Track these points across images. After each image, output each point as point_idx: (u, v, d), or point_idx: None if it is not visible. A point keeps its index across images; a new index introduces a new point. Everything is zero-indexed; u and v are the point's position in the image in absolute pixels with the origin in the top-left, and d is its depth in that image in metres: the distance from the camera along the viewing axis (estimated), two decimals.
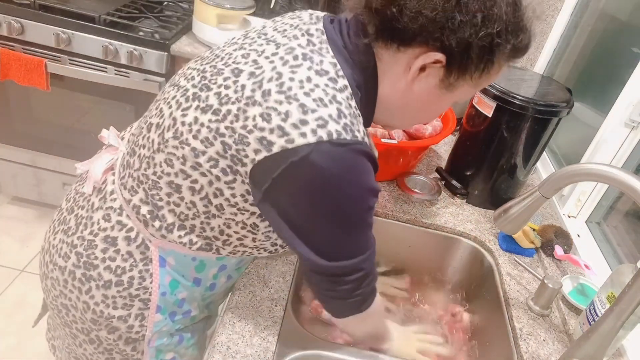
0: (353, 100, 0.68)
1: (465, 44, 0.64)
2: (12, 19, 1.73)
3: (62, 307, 0.86)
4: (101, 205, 0.82)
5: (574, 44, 1.61)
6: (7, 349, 1.74)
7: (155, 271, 0.80)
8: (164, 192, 0.74)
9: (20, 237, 2.16)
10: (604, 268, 1.17)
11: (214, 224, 0.74)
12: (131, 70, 1.80)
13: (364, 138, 0.67)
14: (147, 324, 0.83)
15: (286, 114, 0.63)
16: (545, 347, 0.93)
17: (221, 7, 1.75)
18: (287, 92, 0.64)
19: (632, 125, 1.17)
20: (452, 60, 0.66)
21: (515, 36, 0.66)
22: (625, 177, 0.73)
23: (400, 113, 0.76)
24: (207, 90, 0.70)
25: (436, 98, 0.72)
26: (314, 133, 0.62)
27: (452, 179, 1.29)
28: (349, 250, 0.71)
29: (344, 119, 0.64)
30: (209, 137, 0.67)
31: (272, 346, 0.83)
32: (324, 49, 0.69)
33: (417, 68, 0.67)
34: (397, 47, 0.67)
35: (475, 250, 1.17)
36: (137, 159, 0.77)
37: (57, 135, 2.03)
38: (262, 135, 0.64)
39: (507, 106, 1.13)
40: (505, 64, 0.71)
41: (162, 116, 0.74)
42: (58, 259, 0.84)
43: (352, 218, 0.69)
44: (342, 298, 0.76)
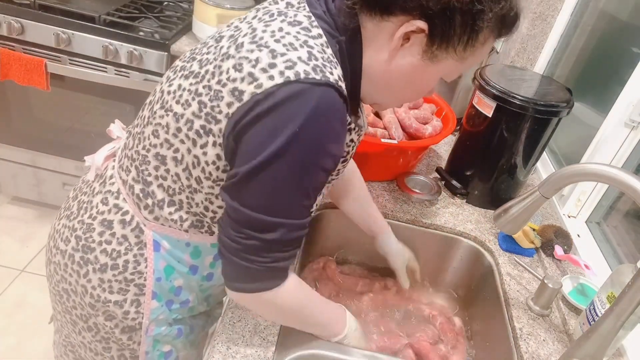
0: (329, 48, 0.67)
1: (444, 9, 0.63)
2: (12, 19, 1.73)
3: (63, 292, 0.87)
4: (101, 189, 0.83)
5: (574, 44, 1.61)
6: (7, 349, 1.74)
7: (149, 255, 0.81)
8: (152, 166, 0.75)
9: (20, 237, 2.16)
10: (604, 268, 1.17)
11: (197, 200, 0.75)
12: (131, 70, 1.80)
13: (337, 81, 0.64)
14: (144, 310, 0.83)
15: (256, 60, 0.63)
16: (545, 347, 0.93)
17: (221, 7, 1.75)
18: (258, 42, 0.65)
19: (632, 125, 1.17)
20: (434, 29, 0.65)
21: (497, 2, 0.65)
22: (625, 177, 0.73)
23: (385, 87, 0.74)
24: (192, 61, 0.73)
25: (420, 71, 0.70)
26: (281, 74, 0.62)
27: (452, 179, 1.29)
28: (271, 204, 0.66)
29: (314, 61, 0.63)
30: (188, 100, 0.69)
31: (272, 346, 0.83)
32: (301, 7, 0.70)
33: (400, 36, 0.66)
34: (380, 15, 0.66)
35: (475, 250, 1.17)
36: (132, 138, 0.80)
37: (57, 135, 2.03)
38: (234, 86, 0.64)
39: (507, 106, 1.13)
40: (491, 38, 0.69)
41: (155, 93, 0.78)
42: (60, 242, 0.86)
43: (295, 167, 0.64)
44: (236, 255, 0.69)
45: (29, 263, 2.06)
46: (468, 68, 0.74)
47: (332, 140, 0.67)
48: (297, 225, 0.69)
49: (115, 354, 0.90)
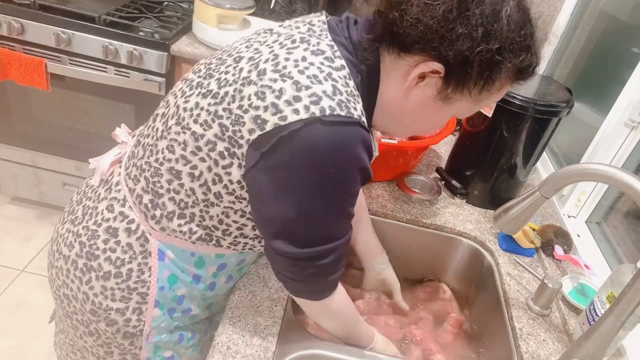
0: (351, 80, 0.67)
1: (462, 57, 0.63)
2: (12, 19, 1.73)
3: (64, 297, 0.87)
4: (106, 195, 0.83)
5: (574, 44, 1.61)
6: (7, 349, 1.74)
7: (154, 265, 0.80)
8: (164, 179, 0.75)
9: (20, 237, 2.16)
10: (604, 268, 1.17)
11: (212, 213, 0.75)
12: (131, 70, 1.80)
13: (360, 117, 0.65)
14: (145, 318, 0.83)
15: (280, 91, 0.63)
16: (545, 347, 0.93)
17: (221, 7, 1.75)
18: (281, 71, 0.64)
19: (632, 125, 1.17)
20: (450, 72, 0.65)
21: (517, 55, 0.65)
22: (625, 177, 0.73)
23: (397, 120, 0.75)
24: (209, 78, 0.72)
25: (432, 110, 0.71)
26: (306, 109, 0.62)
27: (452, 179, 1.29)
28: (322, 235, 0.70)
29: (339, 95, 0.64)
30: (207, 120, 0.68)
31: (272, 346, 0.83)
32: (323, 35, 0.70)
33: (415, 76, 0.66)
34: (397, 52, 0.67)
35: (475, 250, 1.17)
36: (142, 148, 0.79)
37: (57, 135, 2.03)
38: (256, 114, 0.64)
39: (507, 106, 1.13)
40: (509, 84, 0.69)
41: (168, 106, 0.77)
42: (63, 247, 0.85)
43: (334, 198, 0.67)
44: (299, 281, 0.75)
45: (29, 263, 2.06)
46: (482, 108, 0.75)
47: (362, 170, 0.68)
48: (345, 242, 0.73)
49: (117, 358, 0.90)
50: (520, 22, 0.64)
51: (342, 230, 0.72)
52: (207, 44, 1.82)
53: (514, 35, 0.63)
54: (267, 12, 2.08)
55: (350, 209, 0.71)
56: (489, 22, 0.62)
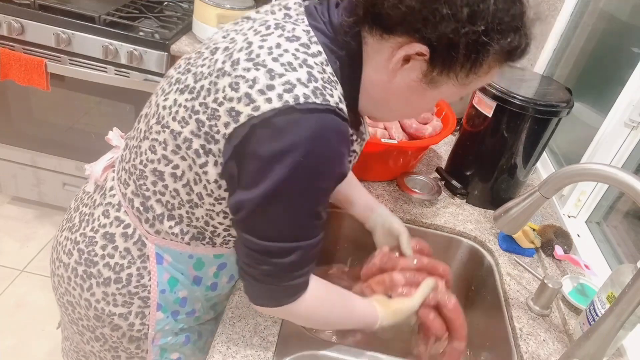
0: (329, 66, 0.65)
1: (447, 39, 0.60)
2: (12, 19, 1.73)
3: (68, 304, 0.86)
4: (101, 201, 0.82)
5: (574, 44, 1.61)
6: (7, 349, 1.74)
7: (152, 268, 0.80)
8: (149, 181, 0.74)
9: (20, 237, 2.16)
10: (604, 268, 1.17)
11: (198, 214, 0.74)
12: (131, 70, 1.80)
13: (337, 104, 0.63)
14: (149, 322, 0.83)
15: (254, 80, 0.61)
16: (545, 347, 0.93)
17: (221, 7, 1.75)
18: (255, 59, 0.62)
19: (632, 125, 1.17)
20: (435, 55, 0.62)
21: (504, 37, 0.62)
22: (625, 177, 0.73)
23: (382, 105, 0.73)
24: (187, 73, 0.70)
25: (418, 93, 0.68)
26: (279, 98, 0.60)
27: (452, 179, 1.29)
28: (285, 231, 0.67)
29: (314, 82, 0.61)
30: (185, 117, 0.67)
31: (272, 346, 0.83)
32: (300, 19, 0.67)
33: (400, 58, 0.64)
34: (380, 34, 0.64)
35: (475, 250, 1.17)
36: (128, 151, 0.78)
37: (57, 135, 2.03)
38: (231, 106, 0.62)
39: (507, 106, 1.13)
40: (497, 66, 0.66)
41: (150, 106, 0.76)
42: (63, 255, 0.85)
43: (302, 191, 0.64)
44: (256, 279, 0.71)
45: (29, 263, 2.06)
46: (471, 91, 0.71)
47: (336, 163, 0.65)
48: (312, 245, 0.69)
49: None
50: (509, 1, 0.61)
51: (308, 231, 0.68)
52: None
53: (502, 15, 0.61)
54: None
55: (319, 209, 0.67)
56: (475, 2, 0.59)
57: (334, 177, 0.66)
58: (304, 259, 0.70)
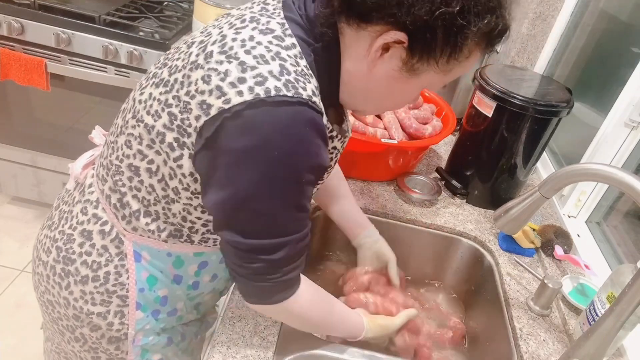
0: (303, 59, 0.64)
1: (422, 22, 0.59)
2: (12, 19, 1.73)
3: (48, 303, 0.86)
4: (80, 198, 0.81)
5: (574, 44, 1.61)
6: (7, 349, 1.74)
7: (130, 266, 0.79)
8: (125, 177, 0.73)
9: (20, 237, 2.16)
10: (604, 268, 1.17)
11: (174, 210, 0.73)
12: (131, 70, 1.80)
13: (310, 97, 0.62)
14: (128, 321, 0.82)
15: (225, 73, 0.60)
16: (545, 347, 0.93)
17: (221, 7, 1.75)
18: (228, 52, 0.62)
19: (632, 125, 1.17)
20: (414, 41, 0.61)
21: (481, 18, 0.60)
22: (625, 177, 0.73)
23: (364, 97, 0.71)
24: (163, 67, 0.70)
25: (400, 83, 0.67)
26: (250, 91, 0.59)
27: (452, 179, 1.29)
28: (270, 227, 0.66)
29: (287, 75, 0.60)
30: (157, 110, 0.67)
31: (272, 346, 0.83)
32: (276, 13, 0.66)
33: (378, 47, 0.63)
34: (357, 23, 0.63)
35: (475, 250, 1.17)
36: (106, 147, 0.78)
37: (57, 135, 2.03)
38: (202, 98, 0.61)
39: (507, 106, 1.13)
40: (477, 51, 0.65)
41: (128, 100, 0.76)
42: (42, 253, 0.84)
43: (281, 185, 0.63)
44: (249, 279, 0.70)
45: (29, 263, 2.06)
46: (453, 79, 0.70)
47: (313, 156, 0.64)
48: (299, 238, 0.69)
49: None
50: None
51: (294, 225, 0.68)
52: None
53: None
54: None
55: (302, 201, 0.67)
56: None
57: (311, 169, 0.65)
58: (293, 253, 0.69)
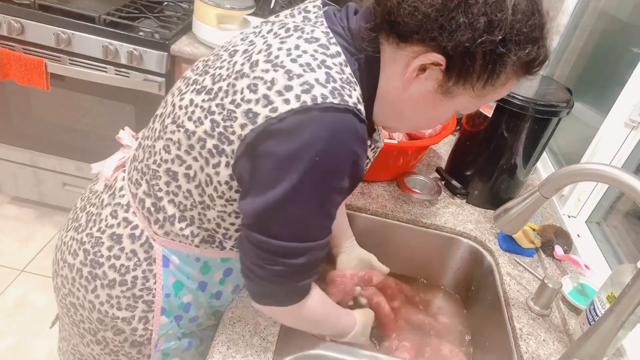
0: (348, 67, 0.64)
1: (463, 48, 0.59)
2: (12, 19, 1.73)
3: (71, 305, 0.86)
4: (110, 201, 0.81)
5: (574, 44, 1.61)
6: (7, 349, 1.74)
7: (158, 271, 0.79)
8: (162, 182, 0.74)
9: (20, 237, 2.16)
10: (604, 268, 1.17)
11: (210, 216, 0.74)
12: (131, 70, 1.80)
13: (356, 104, 0.62)
14: (152, 326, 0.82)
15: (272, 81, 0.61)
16: (545, 347, 0.93)
17: (221, 7, 1.75)
18: (274, 61, 0.62)
19: (632, 125, 1.17)
20: (452, 65, 0.62)
21: (522, 48, 0.61)
22: (625, 177, 0.73)
23: (397, 114, 0.72)
24: (204, 75, 0.70)
25: (433, 104, 0.67)
26: (297, 98, 0.59)
27: (452, 179, 1.29)
28: (297, 231, 0.66)
29: (333, 83, 0.61)
30: (200, 117, 0.67)
31: (272, 346, 0.83)
32: (319, 22, 0.67)
33: (416, 67, 0.63)
34: (397, 42, 0.64)
35: (475, 250, 1.17)
36: (142, 151, 0.78)
37: (57, 135, 2.03)
38: (248, 107, 0.62)
39: (507, 106, 1.13)
40: (515, 78, 0.65)
41: (166, 106, 0.76)
42: (68, 256, 0.84)
43: (316, 191, 0.64)
44: (264, 279, 0.69)
45: (29, 263, 2.06)
46: (487, 103, 0.70)
47: (353, 164, 0.64)
48: (321, 246, 0.69)
49: None
50: (528, 12, 0.60)
51: (320, 232, 0.68)
52: (207, 44, 1.82)
53: (520, 25, 0.60)
54: (267, 12, 2.08)
55: (332, 209, 0.68)
56: (493, 11, 0.58)
57: (349, 177, 0.66)
58: (314, 259, 0.70)
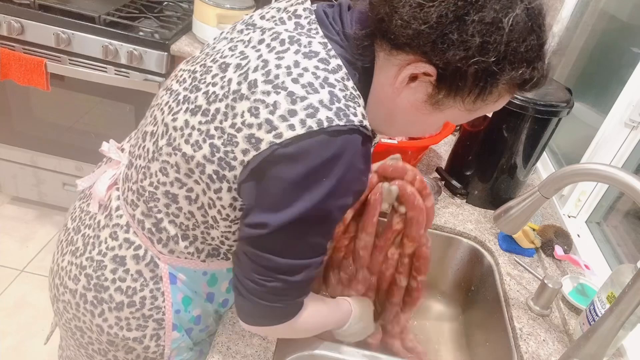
0: (350, 80, 0.62)
1: (454, 67, 0.57)
2: (12, 19, 1.73)
3: (77, 329, 0.83)
4: (107, 222, 0.78)
5: (574, 44, 1.61)
6: (7, 349, 1.74)
7: (166, 289, 0.78)
8: (162, 204, 0.71)
9: (20, 237, 2.16)
10: (604, 268, 1.17)
11: (213, 235, 0.73)
12: (131, 70, 1.80)
13: (361, 121, 0.61)
14: (164, 342, 0.81)
15: (274, 105, 0.59)
16: (545, 347, 0.93)
17: (221, 7, 1.75)
18: (274, 81, 0.60)
19: (632, 125, 1.17)
20: (442, 78, 0.60)
21: (516, 69, 0.58)
22: (625, 177, 0.73)
23: (388, 120, 0.70)
24: (196, 91, 0.67)
25: (423, 113, 0.65)
26: (302, 124, 0.58)
27: (452, 179, 1.29)
28: (296, 250, 0.66)
29: (337, 103, 0.59)
30: (198, 140, 0.64)
31: (272, 346, 0.83)
32: (313, 29, 0.64)
33: (406, 76, 0.62)
34: (389, 49, 0.62)
35: (475, 250, 1.17)
36: (135, 171, 0.75)
37: (57, 135, 2.03)
38: (250, 132, 0.60)
39: (507, 106, 1.12)
40: (507, 94, 0.64)
41: (156, 123, 0.72)
42: (68, 281, 0.81)
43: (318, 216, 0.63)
44: (258, 296, 0.68)
45: (29, 263, 2.06)
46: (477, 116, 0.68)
47: (358, 183, 0.64)
48: (318, 262, 0.69)
49: None
50: (526, 31, 0.57)
51: (319, 250, 0.68)
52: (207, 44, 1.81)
53: (516, 45, 0.57)
54: None
55: (334, 227, 0.67)
56: (488, 32, 0.55)
57: (353, 194, 0.65)
58: (310, 277, 0.69)
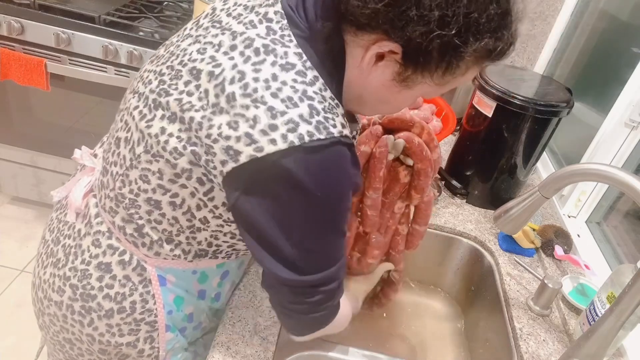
0: (327, 90, 0.62)
1: (416, 42, 0.57)
2: (12, 19, 1.73)
3: (66, 342, 0.82)
4: (88, 230, 0.77)
5: (574, 44, 1.61)
6: (7, 349, 1.74)
7: (156, 291, 0.77)
8: (143, 210, 0.70)
9: (20, 237, 2.16)
10: (604, 268, 1.17)
11: (200, 238, 0.72)
12: (131, 70, 1.80)
13: (341, 131, 0.61)
14: (158, 344, 0.81)
15: (254, 119, 0.58)
16: (545, 347, 0.93)
17: None
18: (252, 95, 0.59)
19: (632, 125, 1.17)
20: (407, 56, 0.59)
21: (479, 39, 0.57)
22: (625, 177, 0.73)
23: (361, 100, 0.69)
24: (166, 96, 0.65)
25: (393, 91, 0.65)
26: (284, 139, 0.57)
27: (452, 179, 1.29)
28: (324, 261, 0.67)
29: (317, 116, 0.59)
30: (177, 147, 0.64)
31: (272, 346, 0.83)
32: (286, 36, 0.63)
33: (372, 56, 0.61)
34: (354, 30, 0.60)
35: (475, 250, 1.17)
36: (111, 178, 0.73)
37: (57, 135, 2.03)
38: (227, 144, 0.59)
39: (507, 106, 1.13)
40: (475, 67, 0.63)
41: (129, 129, 0.70)
42: (52, 294, 0.79)
43: (328, 222, 0.65)
44: (305, 313, 0.70)
45: (29, 263, 2.06)
46: (449, 89, 0.68)
47: (350, 185, 0.66)
48: (344, 262, 0.71)
49: None
50: (485, 2, 0.56)
51: (341, 250, 0.70)
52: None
53: (477, 16, 0.56)
54: None
55: (344, 227, 0.68)
56: (447, 5, 0.55)
57: (350, 195, 0.67)
58: (342, 275, 0.71)
